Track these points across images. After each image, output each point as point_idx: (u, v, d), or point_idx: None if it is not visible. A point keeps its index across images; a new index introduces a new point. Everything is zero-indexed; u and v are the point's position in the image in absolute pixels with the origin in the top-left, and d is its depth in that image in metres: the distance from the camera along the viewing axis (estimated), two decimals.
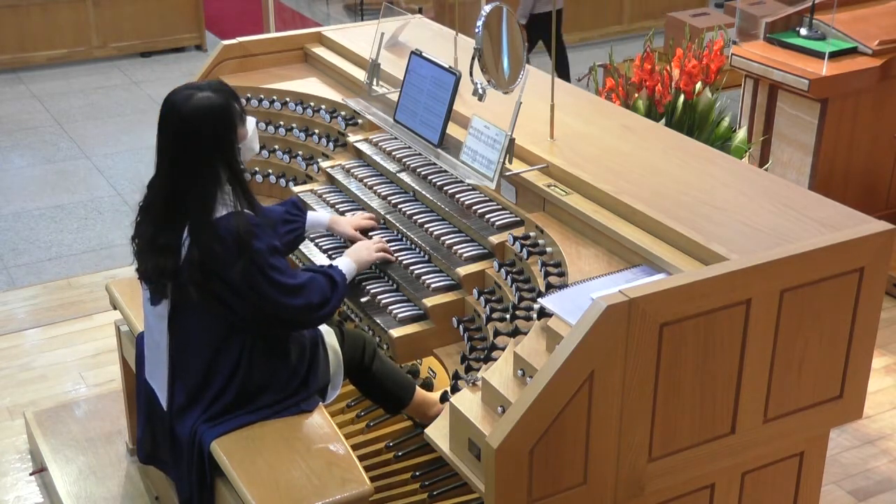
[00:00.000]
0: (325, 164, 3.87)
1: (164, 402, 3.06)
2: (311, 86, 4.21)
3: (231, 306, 2.87)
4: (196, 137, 2.82)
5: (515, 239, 3.05)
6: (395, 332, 3.07)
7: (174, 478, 3.14)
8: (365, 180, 3.68)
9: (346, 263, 3.17)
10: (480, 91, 3.30)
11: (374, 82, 3.88)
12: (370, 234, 3.45)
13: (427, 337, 3.09)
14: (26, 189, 6.61)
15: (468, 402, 2.61)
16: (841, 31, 5.28)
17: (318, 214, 3.49)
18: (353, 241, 3.42)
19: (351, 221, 3.47)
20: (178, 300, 2.90)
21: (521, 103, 3.12)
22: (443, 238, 3.27)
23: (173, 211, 2.85)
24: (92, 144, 7.28)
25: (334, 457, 2.87)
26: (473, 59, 3.23)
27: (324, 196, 3.73)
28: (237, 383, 2.95)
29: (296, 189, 3.84)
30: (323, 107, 4.07)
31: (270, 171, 4.11)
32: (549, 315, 2.62)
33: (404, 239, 3.40)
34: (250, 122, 3.03)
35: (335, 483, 2.79)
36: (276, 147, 4.11)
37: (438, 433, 2.67)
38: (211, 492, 3.00)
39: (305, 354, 3.07)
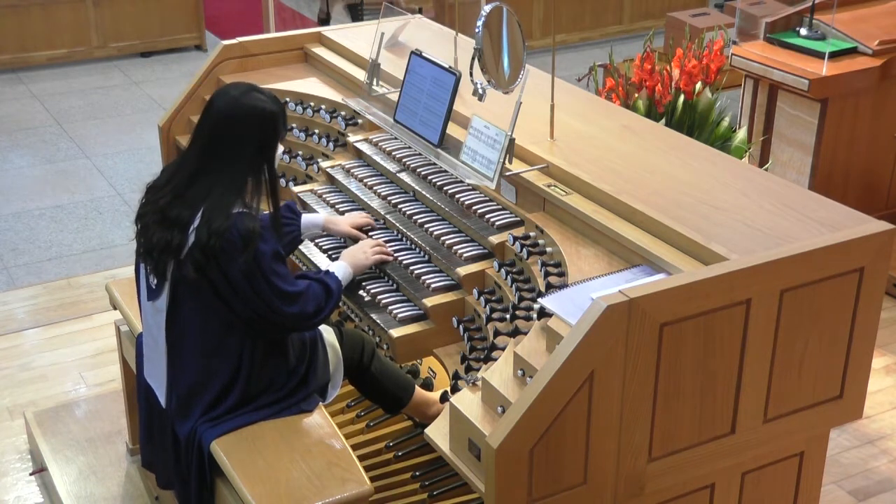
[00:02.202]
0: (325, 164, 3.87)
1: (162, 400, 3.06)
2: (311, 86, 4.21)
3: (227, 301, 2.87)
4: (242, 130, 2.87)
5: (515, 239, 3.05)
6: (395, 332, 3.07)
7: (174, 479, 3.13)
8: (365, 180, 3.68)
9: (342, 268, 3.17)
10: (480, 91, 3.30)
11: (374, 82, 3.88)
12: (369, 233, 3.45)
13: (427, 337, 3.09)
14: (26, 189, 6.61)
15: (468, 402, 2.61)
16: (841, 31, 5.28)
17: (314, 216, 3.48)
18: (351, 239, 3.42)
19: (348, 220, 3.46)
20: (177, 284, 2.90)
21: (521, 103, 3.13)
22: (443, 238, 3.27)
23: (194, 189, 2.87)
24: (92, 144, 7.27)
25: (334, 457, 2.87)
26: (473, 59, 3.23)
27: (324, 196, 3.73)
28: (240, 385, 2.95)
29: (296, 189, 3.84)
30: (323, 107, 4.07)
31: None
32: (549, 315, 2.62)
33: (404, 239, 3.40)
34: (280, 147, 3.05)
35: (335, 483, 2.79)
36: None
37: (438, 433, 2.67)
38: (211, 492, 3.00)
39: (304, 353, 3.07)
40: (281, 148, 3.04)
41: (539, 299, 2.68)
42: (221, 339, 2.93)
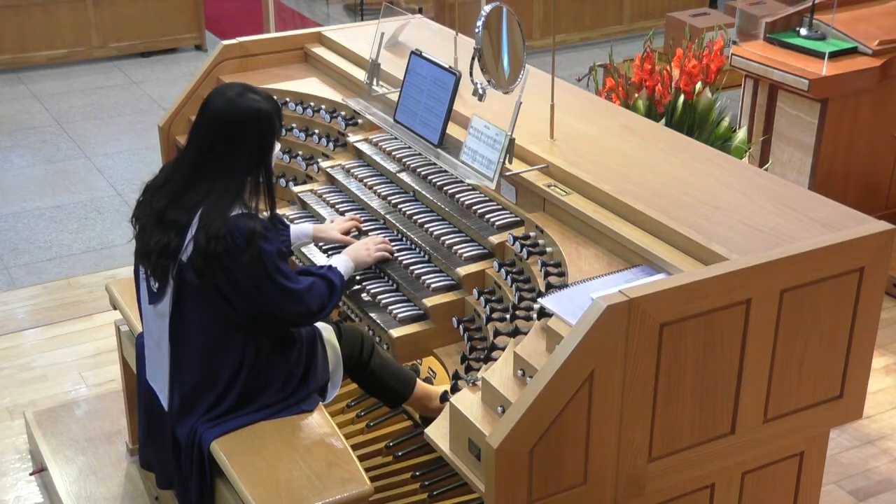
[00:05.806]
0: (325, 164, 3.87)
1: (164, 403, 3.06)
2: (311, 86, 4.21)
3: (231, 302, 2.87)
4: (238, 132, 2.85)
5: (515, 239, 3.05)
6: (396, 332, 3.07)
7: (174, 480, 3.13)
8: (365, 180, 3.68)
9: (343, 262, 3.17)
10: (480, 91, 3.30)
11: (374, 82, 3.88)
12: (367, 232, 3.45)
13: (427, 337, 3.09)
14: (26, 189, 6.61)
15: (468, 402, 2.61)
16: (841, 31, 5.28)
17: (303, 226, 3.48)
18: (344, 245, 3.42)
19: (336, 227, 3.46)
20: (180, 288, 2.90)
21: (521, 103, 3.13)
22: (443, 238, 3.27)
23: (191, 191, 2.86)
24: (92, 144, 7.27)
25: (334, 457, 2.87)
26: (473, 59, 3.23)
27: (324, 196, 3.73)
28: (240, 384, 2.95)
29: (296, 189, 3.84)
30: (323, 107, 4.07)
31: None
32: (549, 315, 2.62)
33: (404, 239, 3.40)
34: (277, 145, 3.04)
35: (335, 483, 2.79)
36: None
37: (438, 433, 2.67)
38: (211, 492, 3.00)
39: (303, 353, 3.07)
40: (278, 146, 3.04)
41: (539, 299, 2.68)
42: (225, 338, 2.93)
